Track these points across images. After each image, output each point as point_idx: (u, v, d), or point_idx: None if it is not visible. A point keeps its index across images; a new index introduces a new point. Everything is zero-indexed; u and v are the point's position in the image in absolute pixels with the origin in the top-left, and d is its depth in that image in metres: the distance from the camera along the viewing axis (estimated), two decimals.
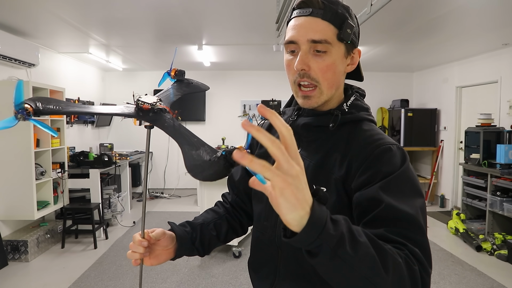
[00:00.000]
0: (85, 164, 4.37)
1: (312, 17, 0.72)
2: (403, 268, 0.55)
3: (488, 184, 4.00)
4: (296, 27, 0.73)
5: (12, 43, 3.47)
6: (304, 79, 0.74)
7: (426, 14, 3.12)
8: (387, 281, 0.53)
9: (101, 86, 6.31)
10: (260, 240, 0.88)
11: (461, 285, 3.08)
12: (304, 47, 0.73)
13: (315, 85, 0.74)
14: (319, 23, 0.72)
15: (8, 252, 3.51)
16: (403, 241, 0.60)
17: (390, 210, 0.63)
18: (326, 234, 0.49)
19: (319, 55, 0.73)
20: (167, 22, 3.46)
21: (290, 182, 0.46)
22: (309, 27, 0.72)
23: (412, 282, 0.56)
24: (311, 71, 0.73)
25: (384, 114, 6.55)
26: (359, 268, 0.52)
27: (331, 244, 0.49)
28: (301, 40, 0.73)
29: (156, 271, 3.34)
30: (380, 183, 0.66)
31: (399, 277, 0.54)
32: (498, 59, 4.57)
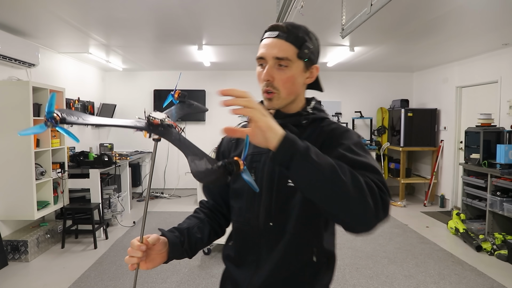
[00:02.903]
0: (85, 164, 4.37)
1: (278, 39, 0.91)
2: (360, 180, 0.71)
3: (488, 184, 4.00)
4: (265, 46, 0.93)
5: (12, 43, 3.47)
6: (269, 88, 0.93)
7: (426, 14, 3.12)
8: (347, 183, 0.69)
9: (101, 86, 6.31)
10: (243, 231, 1.00)
11: (461, 285, 3.08)
12: (270, 62, 0.91)
13: (275, 92, 0.93)
14: (283, 44, 0.91)
15: (8, 252, 3.51)
16: (363, 172, 0.76)
17: (353, 162, 0.79)
18: (297, 145, 0.69)
19: (282, 69, 0.91)
20: (167, 22, 3.46)
21: (266, 114, 0.69)
22: (275, 47, 0.91)
23: (372, 194, 0.71)
24: (275, 81, 0.92)
25: (384, 114, 6.55)
26: (323, 171, 0.68)
27: (301, 151, 0.68)
28: (268, 57, 0.92)
29: (156, 271, 3.34)
30: (343, 148, 0.85)
31: (358, 183, 0.70)
32: (498, 59, 4.57)
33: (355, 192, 0.69)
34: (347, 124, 6.50)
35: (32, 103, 3.52)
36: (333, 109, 6.69)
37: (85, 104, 5.49)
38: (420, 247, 3.96)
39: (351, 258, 3.65)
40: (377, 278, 3.21)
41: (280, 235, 0.93)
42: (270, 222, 0.94)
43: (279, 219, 0.93)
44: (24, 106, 3.47)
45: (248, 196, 0.97)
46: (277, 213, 0.93)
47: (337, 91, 6.75)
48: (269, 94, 0.93)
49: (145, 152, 6.43)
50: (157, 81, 6.57)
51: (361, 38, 4.10)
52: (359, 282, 3.14)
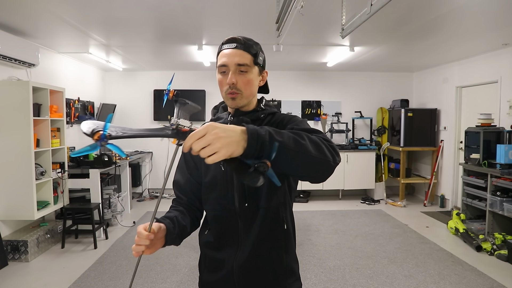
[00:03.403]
0: (85, 164, 4.37)
1: (237, 49, 1.08)
2: (312, 137, 0.86)
3: (488, 184, 4.00)
4: (226, 55, 1.08)
5: (12, 43, 3.47)
6: (233, 90, 1.08)
7: (426, 14, 3.12)
8: (308, 145, 0.82)
9: (101, 86, 6.31)
10: (220, 217, 1.14)
11: (461, 285, 3.08)
12: (233, 69, 1.07)
13: (239, 93, 1.09)
14: (242, 53, 1.08)
15: (8, 252, 3.51)
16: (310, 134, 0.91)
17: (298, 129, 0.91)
18: (261, 136, 0.76)
19: (242, 73, 1.08)
20: (167, 22, 3.46)
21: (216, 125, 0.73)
22: (236, 55, 1.07)
23: (322, 141, 0.87)
24: (238, 84, 1.08)
25: (384, 114, 6.55)
26: (288, 145, 0.79)
27: (267, 138, 0.76)
28: (230, 64, 1.07)
29: (156, 271, 3.34)
30: (291, 126, 1.03)
31: (314, 141, 0.84)
32: (498, 59, 4.57)
33: (316, 150, 0.83)
34: (347, 125, 6.51)
35: (32, 103, 3.52)
36: (333, 109, 6.68)
37: (85, 104, 5.49)
38: (420, 247, 3.96)
39: (351, 258, 3.65)
40: (377, 278, 3.21)
41: (255, 213, 1.09)
42: (245, 203, 1.09)
43: (252, 199, 1.08)
44: (24, 106, 3.47)
45: (221, 186, 1.12)
46: (249, 193, 1.08)
47: (337, 91, 6.75)
48: (234, 95, 1.08)
49: (145, 152, 6.43)
50: (157, 81, 6.57)
51: (361, 38, 4.10)
52: (359, 282, 3.14)
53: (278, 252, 1.12)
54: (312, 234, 4.37)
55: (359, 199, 6.25)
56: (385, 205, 5.94)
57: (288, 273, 1.15)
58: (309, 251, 3.84)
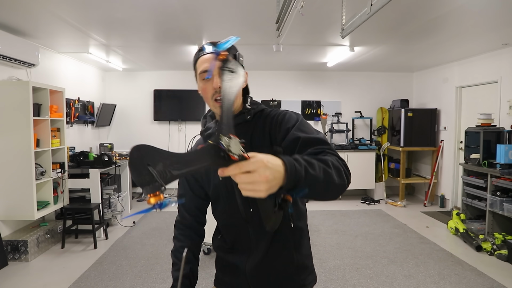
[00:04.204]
0: (85, 164, 4.37)
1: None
2: (334, 162, 0.87)
3: (488, 184, 4.00)
4: (206, 60, 1.05)
5: (12, 43, 3.47)
6: (220, 94, 1.01)
7: (426, 14, 3.12)
8: (333, 174, 0.84)
9: (101, 86, 6.31)
10: (230, 225, 1.17)
11: (461, 285, 3.08)
12: (215, 73, 1.02)
13: None
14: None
15: (8, 252, 3.51)
16: (322, 149, 0.94)
17: (308, 141, 0.97)
18: (299, 172, 0.74)
19: None
20: (167, 22, 3.46)
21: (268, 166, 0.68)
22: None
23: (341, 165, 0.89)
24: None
25: (384, 114, 6.55)
26: (320, 176, 0.80)
27: (303, 174, 0.75)
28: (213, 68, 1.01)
29: (156, 271, 3.34)
30: (293, 129, 1.01)
31: (336, 167, 0.86)
32: (498, 59, 4.57)
33: (338, 177, 0.85)
34: (347, 125, 6.51)
35: (32, 103, 3.52)
36: (333, 109, 6.69)
37: (85, 104, 5.49)
38: (420, 247, 3.96)
39: (351, 258, 3.65)
40: (377, 278, 3.21)
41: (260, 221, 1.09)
42: (250, 209, 1.09)
43: (255, 203, 1.05)
44: (24, 106, 3.47)
45: (224, 196, 1.13)
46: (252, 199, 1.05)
47: (337, 91, 6.75)
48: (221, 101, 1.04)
49: None
50: (157, 81, 6.57)
51: (361, 38, 4.10)
52: (359, 282, 3.14)
53: (288, 251, 1.13)
54: (312, 234, 4.37)
55: (359, 199, 6.25)
56: (385, 205, 5.94)
57: (300, 269, 1.16)
58: None
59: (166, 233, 4.37)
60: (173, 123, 6.62)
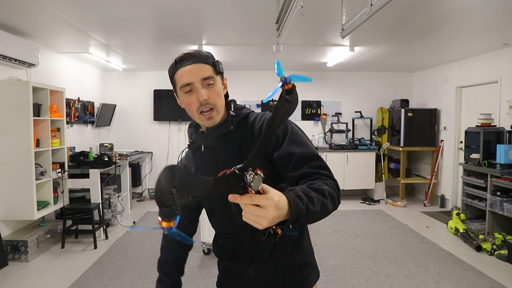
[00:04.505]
0: (85, 164, 4.37)
1: (195, 63, 1.00)
2: (330, 189, 0.89)
3: (488, 184, 4.00)
4: (187, 73, 1.00)
5: (12, 43, 3.47)
6: (206, 106, 1.01)
7: (426, 14, 3.12)
8: (329, 204, 0.86)
9: (101, 86, 6.31)
10: (228, 234, 1.16)
11: (461, 285, 3.08)
12: (198, 85, 1.00)
13: (213, 108, 1.02)
14: (202, 66, 1.01)
15: (8, 252, 3.51)
16: (316, 171, 0.95)
17: (303, 157, 0.97)
18: (301, 210, 0.76)
19: (210, 87, 1.02)
20: (167, 22, 3.46)
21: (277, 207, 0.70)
22: (198, 70, 1.00)
23: (335, 191, 0.91)
24: (209, 99, 1.01)
25: (384, 114, 6.55)
26: (317, 210, 0.81)
27: (304, 212, 0.77)
28: (195, 80, 1.00)
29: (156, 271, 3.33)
30: (286, 141, 0.99)
31: (331, 195, 0.88)
32: (498, 59, 4.57)
33: (332, 205, 0.88)
34: (347, 125, 6.50)
35: (32, 103, 3.52)
36: (333, 109, 6.68)
37: (85, 104, 5.49)
38: (420, 247, 3.96)
39: (351, 258, 3.65)
40: (377, 278, 3.21)
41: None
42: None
43: None
44: (24, 106, 3.47)
45: (220, 207, 1.12)
46: None
47: (337, 91, 6.75)
48: (210, 113, 1.02)
49: (145, 152, 6.43)
50: (157, 81, 6.57)
51: (361, 38, 4.09)
52: (359, 282, 3.14)
53: (289, 251, 1.13)
54: (312, 234, 4.37)
55: (359, 199, 6.25)
56: (385, 205, 5.94)
57: (302, 267, 1.16)
58: None
59: None
60: (173, 123, 6.62)
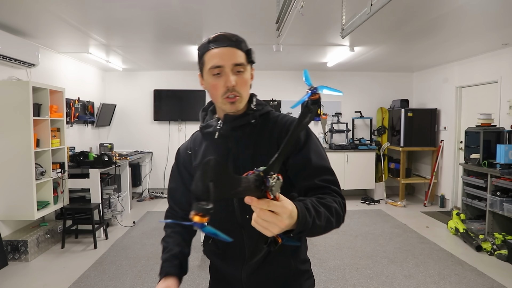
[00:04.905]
0: (85, 164, 4.37)
1: (229, 47, 0.98)
2: (337, 208, 0.89)
3: (488, 184, 4.00)
4: (219, 55, 0.97)
5: (12, 43, 3.47)
6: (232, 93, 0.97)
7: (426, 14, 3.12)
8: (334, 221, 0.87)
9: (101, 86, 6.31)
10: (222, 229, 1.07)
11: (461, 285, 3.08)
12: (228, 70, 0.96)
13: (238, 96, 0.99)
14: (236, 51, 0.98)
15: (8, 252, 3.51)
16: (327, 185, 0.95)
17: (316, 168, 0.97)
18: (307, 223, 0.76)
19: (239, 74, 0.98)
20: (167, 22, 3.46)
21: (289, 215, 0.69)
22: (231, 55, 0.97)
23: (342, 210, 0.91)
24: (236, 86, 0.97)
25: (384, 114, 6.55)
26: (322, 225, 0.82)
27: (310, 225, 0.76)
28: (227, 64, 0.96)
29: (156, 271, 3.34)
30: (305, 148, 0.98)
31: (338, 214, 0.89)
32: (498, 59, 4.57)
33: (336, 222, 0.88)
34: (347, 125, 6.50)
35: (32, 103, 3.52)
36: (333, 109, 6.68)
37: (85, 104, 5.49)
38: (420, 247, 3.96)
39: (351, 258, 3.65)
40: (377, 278, 3.21)
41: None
42: (246, 215, 1.01)
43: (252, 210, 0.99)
44: (24, 106, 3.47)
45: (221, 202, 1.02)
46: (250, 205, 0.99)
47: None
48: (234, 98, 0.98)
49: (145, 152, 6.43)
50: (157, 81, 6.57)
51: (361, 38, 4.09)
52: (359, 282, 3.14)
53: (285, 257, 1.08)
54: None
55: (359, 199, 6.25)
56: (385, 205, 5.94)
57: (298, 275, 1.12)
58: (309, 251, 3.81)
59: None
60: (173, 123, 6.62)
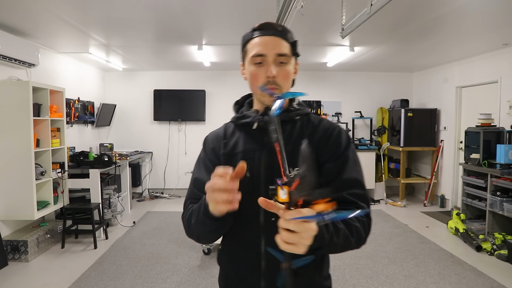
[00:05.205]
0: (85, 164, 4.37)
1: (275, 36, 0.92)
2: (359, 228, 0.86)
3: (488, 184, 4.00)
4: (263, 44, 0.92)
5: (12, 43, 3.47)
6: (272, 86, 0.92)
7: (426, 14, 3.12)
8: (353, 242, 0.84)
9: (101, 86, 6.31)
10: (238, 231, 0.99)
11: (461, 285, 3.08)
12: (271, 59, 0.91)
13: (278, 89, 0.93)
14: (281, 41, 0.92)
15: (8, 252, 3.51)
16: (355, 200, 0.89)
17: (347, 179, 0.91)
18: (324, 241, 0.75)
19: (282, 65, 0.93)
20: (167, 22, 3.46)
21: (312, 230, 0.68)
22: (275, 44, 0.92)
23: (364, 230, 0.88)
24: (277, 78, 0.92)
25: (384, 114, 6.55)
26: (339, 244, 0.80)
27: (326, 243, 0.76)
28: (269, 54, 0.91)
29: (156, 271, 3.34)
30: (343, 156, 0.94)
31: (359, 234, 0.85)
32: (498, 59, 4.57)
33: (354, 245, 0.85)
34: (347, 125, 6.50)
35: (32, 103, 3.52)
36: (333, 109, 6.69)
37: (85, 104, 5.49)
38: (420, 247, 3.96)
39: (351, 258, 3.65)
40: (377, 278, 3.21)
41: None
42: (272, 217, 0.83)
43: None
44: (24, 106, 3.47)
45: (245, 194, 0.83)
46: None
47: (337, 91, 6.74)
48: (274, 90, 0.92)
49: (145, 152, 6.43)
50: (157, 81, 6.57)
51: (361, 38, 4.09)
52: (359, 282, 3.14)
53: (310, 271, 0.95)
54: None
55: None
56: (385, 205, 5.94)
57: None
58: None
59: (166, 233, 4.37)
60: (173, 123, 6.62)
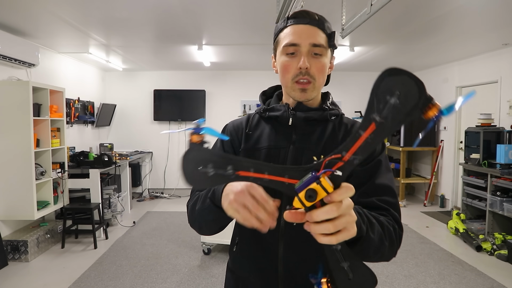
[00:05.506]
0: (85, 164, 4.37)
1: (310, 25, 0.86)
2: (392, 231, 0.78)
3: (488, 184, 4.00)
4: (297, 32, 0.85)
5: (12, 43, 3.47)
6: (305, 77, 0.86)
7: (426, 14, 3.12)
8: (386, 247, 0.76)
9: (101, 86, 6.31)
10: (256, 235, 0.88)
11: (461, 285, 3.08)
12: (305, 50, 0.85)
13: (310, 82, 0.87)
14: (317, 30, 0.86)
15: (8, 252, 3.51)
16: (386, 207, 0.82)
17: (379, 185, 0.84)
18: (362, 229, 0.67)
19: (316, 57, 0.86)
20: (167, 22, 3.46)
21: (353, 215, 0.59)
22: (310, 33, 0.85)
23: (396, 238, 0.80)
24: (310, 70, 0.86)
25: None
26: (376, 239, 0.72)
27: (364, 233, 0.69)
28: (303, 44, 0.84)
29: (156, 271, 3.34)
30: (376, 160, 0.86)
31: (391, 238, 0.77)
32: (498, 59, 4.57)
33: (389, 250, 0.77)
34: None
35: (32, 103, 3.52)
36: None
37: (85, 104, 5.49)
38: (420, 247, 3.96)
39: None
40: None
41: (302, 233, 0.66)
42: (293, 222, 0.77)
43: None
44: (24, 106, 3.47)
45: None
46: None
47: (337, 91, 6.73)
48: (306, 84, 0.86)
49: (145, 152, 6.43)
50: (157, 81, 6.57)
51: (361, 38, 4.09)
52: None
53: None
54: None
55: None
56: None
57: None
58: None
59: (166, 233, 4.37)
60: (173, 123, 6.62)
